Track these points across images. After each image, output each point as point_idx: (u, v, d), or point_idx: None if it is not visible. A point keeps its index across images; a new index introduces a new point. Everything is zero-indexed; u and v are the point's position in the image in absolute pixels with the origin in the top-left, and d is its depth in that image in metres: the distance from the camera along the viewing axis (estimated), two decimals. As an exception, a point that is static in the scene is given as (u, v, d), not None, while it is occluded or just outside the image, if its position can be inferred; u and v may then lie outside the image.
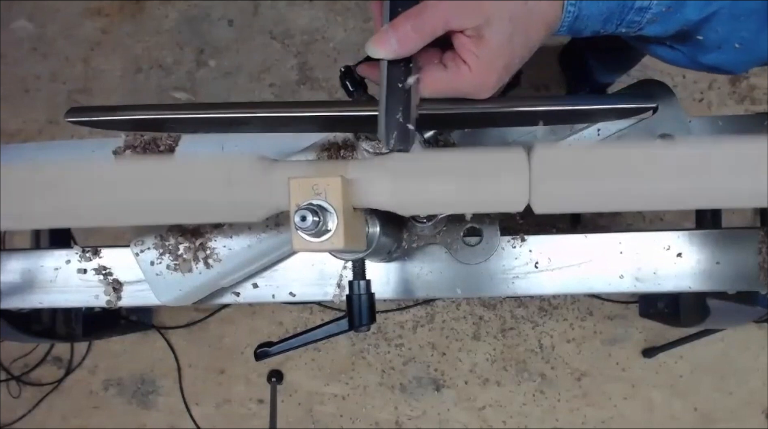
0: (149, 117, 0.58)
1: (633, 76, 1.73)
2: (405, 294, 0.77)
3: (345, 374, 1.81)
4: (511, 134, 0.73)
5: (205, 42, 1.91)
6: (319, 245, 0.47)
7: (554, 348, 1.73)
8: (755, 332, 1.66)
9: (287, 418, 1.81)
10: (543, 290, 0.75)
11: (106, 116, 0.58)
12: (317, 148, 0.70)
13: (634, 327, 1.71)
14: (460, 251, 0.74)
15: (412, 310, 1.78)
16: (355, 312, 0.59)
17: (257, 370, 1.83)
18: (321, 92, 1.86)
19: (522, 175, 0.46)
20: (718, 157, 0.45)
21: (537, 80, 1.76)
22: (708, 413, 1.69)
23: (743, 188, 0.45)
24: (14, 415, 1.90)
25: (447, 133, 0.72)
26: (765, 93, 1.68)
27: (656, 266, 0.73)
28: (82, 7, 1.98)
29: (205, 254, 0.71)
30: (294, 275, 0.78)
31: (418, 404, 1.78)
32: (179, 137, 0.78)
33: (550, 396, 1.74)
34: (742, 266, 0.72)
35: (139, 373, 1.89)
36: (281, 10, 1.90)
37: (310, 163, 0.52)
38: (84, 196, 0.52)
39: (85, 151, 0.84)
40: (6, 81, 1.98)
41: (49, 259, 0.83)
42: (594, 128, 0.72)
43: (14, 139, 1.95)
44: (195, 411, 1.85)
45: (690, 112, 1.56)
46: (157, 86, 1.93)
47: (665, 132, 0.72)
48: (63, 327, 1.32)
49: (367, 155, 0.64)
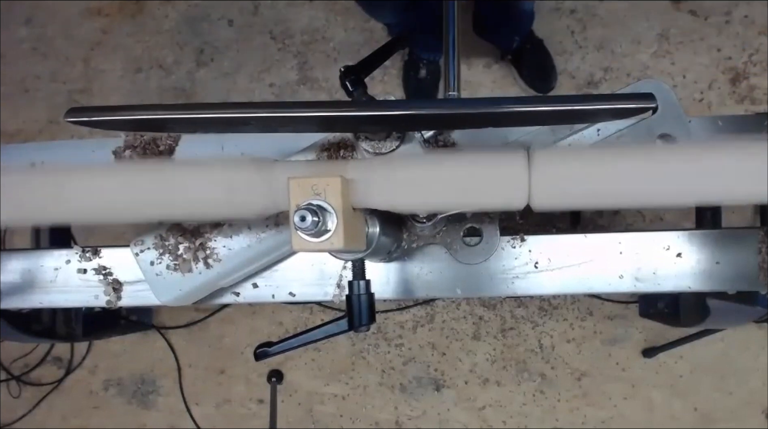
0: (149, 117, 0.58)
1: (633, 76, 1.74)
2: (405, 294, 0.77)
3: (345, 374, 1.81)
4: (511, 134, 0.73)
5: (205, 42, 1.91)
6: (318, 245, 0.47)
7: (554, 348, 1.73)
8: (755, 332, 1.66)
9: (287, 418, 1.81)
10: (543, 290, 0.75)
11: (106, 116, 0.58)
12: (317, 148, 0.70)
13: (634, 327, 1.71)
14: (460, 251, 0.74)
15: (412, 310, 1.78)
16: (355, 312, 0.59)
17: (257, 370, 1.83)
18: (321, 92, 1.86)
19: (522, 175, 0.46)
20: (717, 157, 0.45)
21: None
22: (708, 413, 1.69)
23: (743, 187, 0.45)
24: (14, 415, 1.90)
25: (447, 133, 0.72)
26: (765, 93, 1.68)
27: (656, 266, 0.73)
28: (82, 7, 1.98)
29: (205, 254, 0.71)
30: (294, 275, 0.78)
31: (418, 404, 1.78)
32: (179, 137, 0.78)
33: (550, 396, 1.74)
34: (742, 266, 0.72)
35: (139, 373, 1.89)
36: (281, 10, 1.89)
37: (310, 163, 0.52)
38: (84, 196, 0.52)
39: (85, 151, 0.84)
40: (6, 81, 1.98)
41: (49, 259, 0.83)
42: (594, 128, 0.72)
43: (14, 139, 1.95)
44: (195, 411, 1.85)
45: (690, 112, 1.56)
46: (157, 86, 1.93)
47: (665, 132, 0.72)
48: (63, 327, 1.32)
49: (367, 155, 0.64)
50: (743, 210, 1.58)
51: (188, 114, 0.58)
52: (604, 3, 1.75)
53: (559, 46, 1.75)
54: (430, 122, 0.62)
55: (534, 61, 1.71)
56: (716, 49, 1.70)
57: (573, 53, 1.75)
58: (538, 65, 1.71)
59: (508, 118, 0.58)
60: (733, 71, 1.69)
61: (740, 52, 1.69)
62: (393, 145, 0.61)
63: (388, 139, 0.61)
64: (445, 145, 0.72)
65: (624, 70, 1.73)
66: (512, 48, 1.68)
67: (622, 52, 1.73)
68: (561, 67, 1.75)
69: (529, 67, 1.71)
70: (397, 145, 0.61)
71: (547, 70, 1.71)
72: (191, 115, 0.58)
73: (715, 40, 1.70)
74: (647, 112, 0.56)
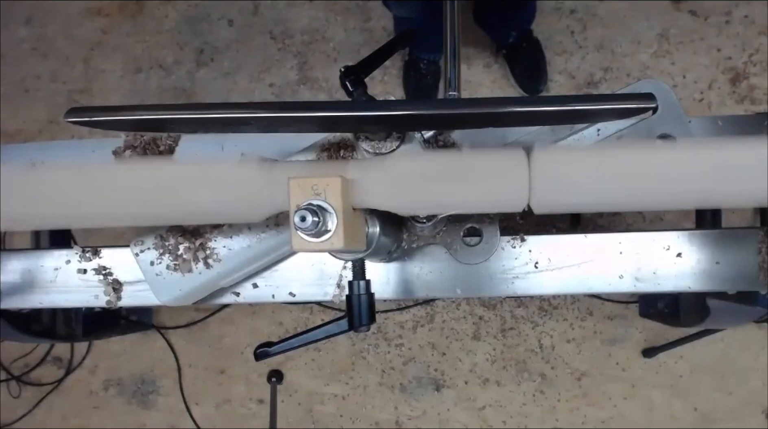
0: (149, 117, 0.58)
1: (633, 76, 1.74)
2: (405, 294, 0.77)
3: (345, 374, 1.81)
4: (511, 134, 0.73)
5: (205, 42, 1.91)
6: (318, 245, 0.47)
7: (554, 348, 1.73)
8: (755, 332, 1.66)
9: (287, 418, 1.81)
10: (543, 290, 0.75)
11: (106, 116, 0.58)
12: (317, 148, 0.70)
13: (634, 327, 1.71)
14: (460, 251, 0.74)
15: (412, 310, 1.78)
16: (355, 312, 0.59)
17: (257, 370, 1.83)
18: (321, 92, 1.86)
19: (522, 175, 0.46)
20: (717, 158, 0.45)
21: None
22: (708, 413, 1.69)
23: (743, 188, 0.45)
24: (14, 415, 1.90)
25: (447, 133, 0.72)
26: (765, 93, 1.68)
27: (656, 266, 0.73)
28: (82, 7, 1.98)
29: (205, 254, 0.71)
30: (294, 275, 0.78)
31: (418, 404, 1.78)
32: (179, 137, 0.78)
33: (550, 396, 1.74)
34: (742, 266, 0.72)
35: (139, 373, 1.89)
36: (281, 10, 1.90)
37: (310, 163, 0.52)
38: (84, 196, 0.52)
39: (85, 151, 0.84)
40: (6, 81, 1.98)
41: (49, 259, 0.83)
42: (594, 128, 0.72)
43: (14, 139, 1.95)
44: (195, 411, 1.85)
45: (690, 112, 1.56)
46: (157, 86, 1.93)
47: (665, 132, 0.72)
48: (63, 327, 1.32)
49: (367, 155, 0.64)
50: (743, 210, 1.58)
51: (188, 114, 0.58)
52: (604, 3, 1.75)
53: (559, 46, 1.75)
54: (430, 122, 0.62)
55: (528, 60, 1.71)
56: (716, 49, 1.70)
57: (573, 53, 1.75)
58: (531, 65, 1.71)
59: (508, 118, 0.58)
60: (733, 71, 1.69)
61: (740, 52, 1.69)
62: (393, 145, 0.61)
63: (388, 139, 0.61)
64: (445, 145, 0.72)
65: (624, 70, 1.73)
66: (508, 42, 1.68)
67: (622, 52, 1.73)
68: (561, 67, 1.75)
69: (522, 66, 1.71)
70: (397, 145, 0.61)
71: (540, 72, 1.71)
72: (191, 115, 0.58)
73: (715, 40, 1.70)
74: (647, 112, 0.57)
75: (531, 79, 1.71)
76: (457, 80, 0.78)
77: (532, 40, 1.70)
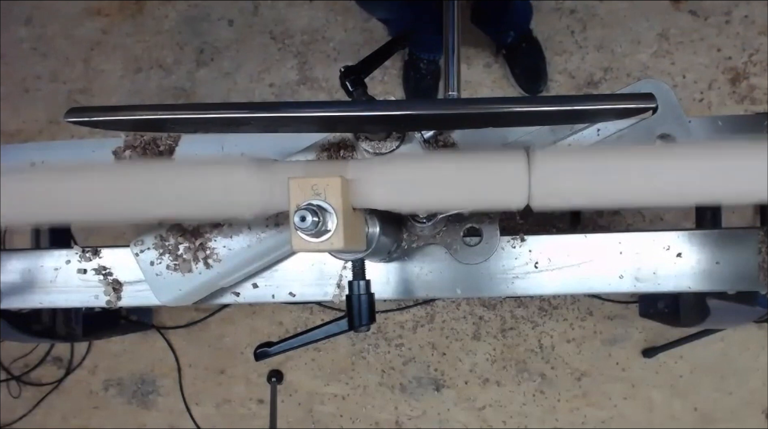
0: (149, 117, 0.58)
1: (633, 76, 1.73)
2: (405, 294, 0.77)
3: (345, 374, 1.81)
4: (511, 134, 0.73)
5: (205, 42, 1.91)
6: (318, 245, 0.47)
7: (554, 348, 1.73)
8: (755, 332, 1.66)
9: (287, 418, 1.81)
10: (543, 290, 0.75)
11: (106, 116, 0.58)
12: (317, 148, 0.70)
13: (634, 327, 1.71)
14: (460, 251, 0.74)
15: (412, 310, 1.78)
16: (355, 312, 0.59)
17: (257, 370, 1.83)
18: (321, 92, 1.86)
19: (522, 175, 0.46)
20: (717, 157, 0.45)
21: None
22: (708, 413, 1.69)
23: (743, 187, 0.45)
24: (14, 415, 1.90)
25: (447, 133, 0.72)
26: (765, 93, 1.68)
27: (656, 266, 0.73)
28: (82, 7, 1.98)
29: (205, 254, 0.71)
30: (294, 275, 0.78)
31: (418, 404, 1.78)
32: (179, 137, 0.78)
33: (550, 396, 1.74)
34: (742, 266, 0.72)
35: (139, 373, 1.89)
36: (281, 10, 1.89)
37: (310, 163, 0.52)
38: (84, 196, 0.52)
39: (85, 151, 0.84)
40: (6, 81, 1.98)
41: (49, 259, 0.83)
42: (594, 128, 0.72)
43: (14, 139, 1.95)
44: (195, 411, 1.85)
45: (690, 112, 1.56)
46: (157, 86, 1.93)
47: (665, 132, 0.72)
48: (63, 327, 1.31)
49: (367, 155, 0.64)
50: (743, 210, 1.58)
51: (188, 114, 0.58)
52: (604, 3, 1.75)
53: (559, 46, 1.75)
54: (430, 122, 0.62)
55: (527, 61, 1.71)
56: (716, 49, 1.70)
57: (573, 53, 1.75)
58: (530, 66, 1.71)
59: (508, 118, 0.58)
60: (733, 71, 1.69)
61: (740, 52, 1.69)
62: (393, 145, 0.61)
63: (388, 139, 0.61)
64: (445, 145, 0.72)
65: (624, 70, 1.73)
66: (507, 42, 1.68)
67: (622, 52, 1.73)
68: (561, 66, 1.75)
69: (522, 67, 1.71)
70: (397, 145, 0.61)
71: (539, 72, 1.71)
72: (191, 115, 0.58)
73: (715, 40, 1.70)
74: (647, 112, 0.56)
75: (531, 79, 1.71)
76: (457, 80, 0.78)
77: (531, 40, 1.70)
